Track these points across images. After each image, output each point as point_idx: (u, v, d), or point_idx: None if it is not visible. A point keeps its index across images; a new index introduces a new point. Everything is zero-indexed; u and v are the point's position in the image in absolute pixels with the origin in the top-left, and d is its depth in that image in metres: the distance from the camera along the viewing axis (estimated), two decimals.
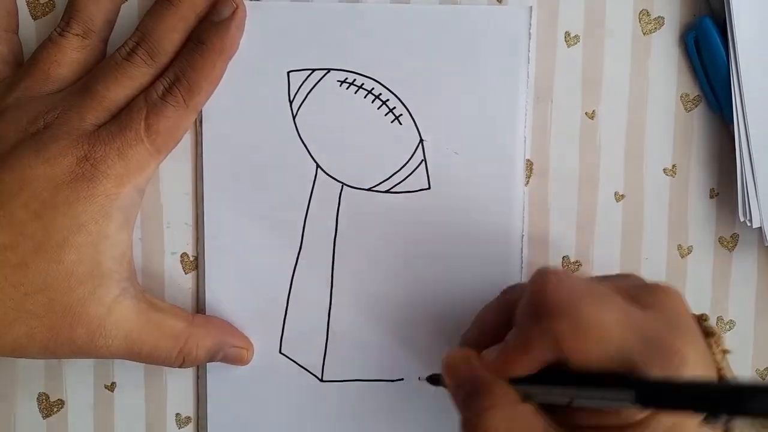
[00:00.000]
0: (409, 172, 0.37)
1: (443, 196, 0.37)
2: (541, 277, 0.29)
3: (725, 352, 0.32)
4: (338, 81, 0.37)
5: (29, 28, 0.36)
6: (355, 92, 0.37)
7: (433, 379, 0.35)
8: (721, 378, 0.30)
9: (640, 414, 0.28)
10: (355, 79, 0.37)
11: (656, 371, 0.27)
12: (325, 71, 0.37)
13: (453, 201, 0.37)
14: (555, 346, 0.28)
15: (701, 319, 0.32)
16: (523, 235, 0.38)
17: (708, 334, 0.31)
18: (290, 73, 0.37)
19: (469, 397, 0.30)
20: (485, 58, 0.37)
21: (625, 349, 0.27)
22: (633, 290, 0.30)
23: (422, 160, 0.37)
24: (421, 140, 0.37)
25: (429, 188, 0.37)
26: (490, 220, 0.37)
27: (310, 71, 0.37)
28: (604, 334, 0.27)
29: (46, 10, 0.36)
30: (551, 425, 0.29)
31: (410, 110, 0.37)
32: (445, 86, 0.37)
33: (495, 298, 0.34)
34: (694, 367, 0.27)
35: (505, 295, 0.34)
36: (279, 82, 0.37)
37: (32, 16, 0.36)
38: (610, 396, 0.27)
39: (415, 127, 0.37)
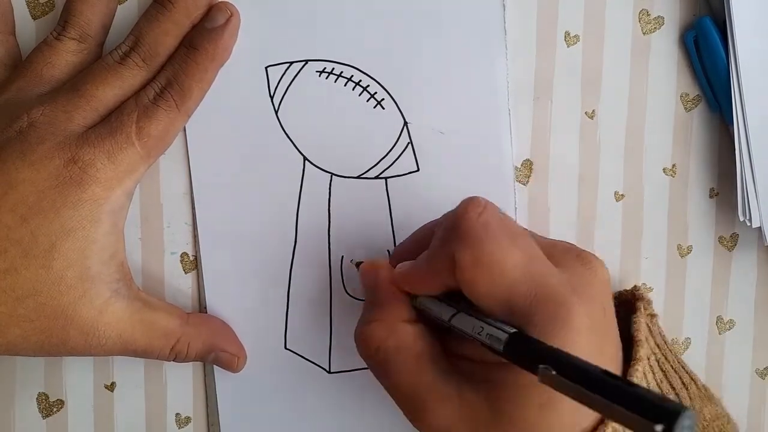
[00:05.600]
0: (397, 156, 0.37)
1: (433, 177, 0.37)
2: (465, 205, 0.30)
3: (653, 316, 0.36)
4: (317, 71, 0.37)
5: (29, 28, 0.36)
6: (335, 81, 0.37)
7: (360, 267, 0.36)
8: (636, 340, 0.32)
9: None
10: (333, 68, 0.37)
11: (540, 321, 0.27)
12: (303, 63, 0.37)
13: (443, 180, 0.37)
14: (453, 273, 0.29)
15: (634, 289, 0.36)
16: (516, 208, 0.38)
17: (637, 298, 0.34)
18: (268, 68, 0.37)
19: (368, 305, 0.33)
20: (461, 33, 0.37)
21: (514, 293, 0.28)
22: (559, 250, 0.31)
23: (408, 143, 0.37)
24: (406, 123, 0.37)
25: (418, 170, 0.37)
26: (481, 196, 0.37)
27: (287, 64, 0.37)
28: (498, 274, 0.28)
29: (46, 9, 0.36)
30: (429, 349, 0.31)
31: (392, 94, 0.37)
32: (424, 66, 0.37)
33: (437, 218, 0.34)
34: (580, 327, 0.27)
35: (444, 218, 0.34)
36: (258, 78, 0.37)
37: (32, 16, 0.36)
38: (485, 331, 0.28)
39: (398, 111, 0.37)
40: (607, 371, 0.23)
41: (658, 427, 0.21)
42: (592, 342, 0.28)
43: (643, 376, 0.31)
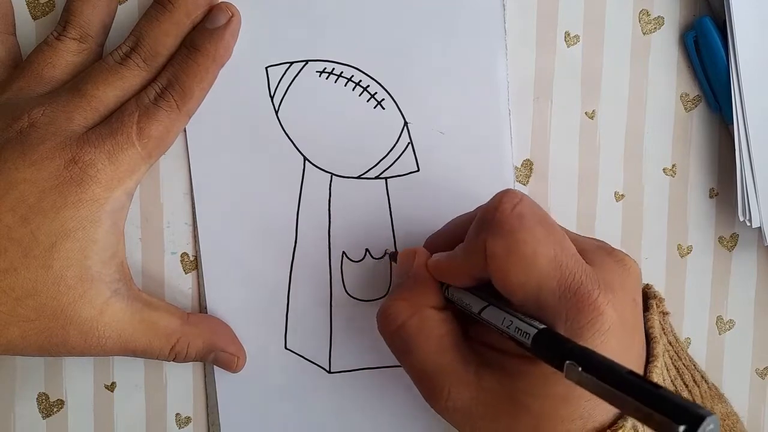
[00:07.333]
0: (397, 156, 0.37)
1: (433, 177, 0.37)
2: (500, 196, 0.30)
3: (665, 314, 0.35)
4: (317, 72, 0.37)
5: (29, 29, 0.36)
6: (335, 81, 0.37)
7: (393, 257, 0.37)
8: (651, 339, 0.31)
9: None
10: (333, 68, 0.37)
11: (569, 319, 0.27)
12: (303, 63, 0.37)
13: (443, 181, 0.37)
14: (485, 263, 0.29)
15: (646, 287, 0.35)
16: None
17: (650, 296, 0.34)
18: (268, 69, 0.37)
19: (398, 286, 0.33)
20: (461, 33, 0.37)
21: (545, 286, 0.28)
22: (591, 248, 0.31)
23: (408, 143, 0.37)
24: (406, 123, 0.37)
25: (418, 170, 0.37)
26: (481, 197, 0.37)
27: (288, 65, 0.37)
28: (530, 265, 0.28)
29: (46, 10, 0.36)
30: (451, 333, 0.31)
31: (392, 94, 0.37)
32: (424, 66, 0.37)
33: (473, 209, 0.35)
34: (609, 327, 0.27)
35: (479, 210, 0.34)
36: (258, 78, 0.37)
37: (32, 16, 0.36)
38: (514, 325, 0.28)
39: (398, 111, 0.37)
40: (632, 371, 0.24)
41: (681, 428, 0.21)
42: (620, 341, 0.28)
43: (661, 373, 0.31)
